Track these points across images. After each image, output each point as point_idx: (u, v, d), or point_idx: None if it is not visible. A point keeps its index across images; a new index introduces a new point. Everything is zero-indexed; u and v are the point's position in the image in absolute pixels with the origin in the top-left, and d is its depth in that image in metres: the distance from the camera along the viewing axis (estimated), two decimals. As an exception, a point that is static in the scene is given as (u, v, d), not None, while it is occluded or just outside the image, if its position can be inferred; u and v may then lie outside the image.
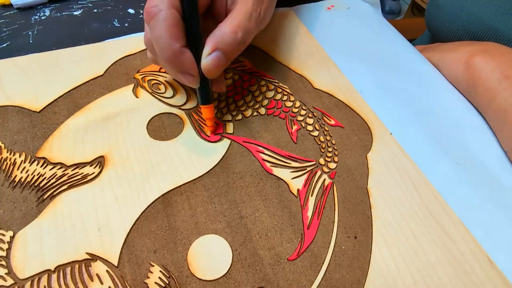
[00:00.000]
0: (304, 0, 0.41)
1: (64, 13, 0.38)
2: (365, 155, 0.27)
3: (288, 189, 0.25)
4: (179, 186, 0.24)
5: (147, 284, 0.20)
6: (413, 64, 0.35)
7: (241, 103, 0.30)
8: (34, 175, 0.24)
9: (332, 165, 0.26)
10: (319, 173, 0.26)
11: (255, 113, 0.29)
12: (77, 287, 0.20)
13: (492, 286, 0.21)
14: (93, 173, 0.24)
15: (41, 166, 0.24)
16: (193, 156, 0.26)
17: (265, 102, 0.30)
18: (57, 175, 0.24)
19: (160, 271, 0.21)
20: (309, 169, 0.26)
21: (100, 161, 0.25)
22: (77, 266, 0.20)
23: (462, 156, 0.28)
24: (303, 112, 0.29)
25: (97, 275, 0.20)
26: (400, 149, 0.27)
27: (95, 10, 0.39)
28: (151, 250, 0.21)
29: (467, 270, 0.22)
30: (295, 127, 0.28)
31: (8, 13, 0.37)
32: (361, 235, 0.23)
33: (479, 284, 0.21)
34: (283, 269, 0.21)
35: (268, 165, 0.26)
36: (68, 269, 0.20)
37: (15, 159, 0.25)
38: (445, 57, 0.34)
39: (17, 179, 0.24)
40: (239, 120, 0.29)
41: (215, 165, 0.26)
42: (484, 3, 0.36)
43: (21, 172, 0.24)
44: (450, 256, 0.22)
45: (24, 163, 0.24)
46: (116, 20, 0.38)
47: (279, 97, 0.30)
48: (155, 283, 0.20)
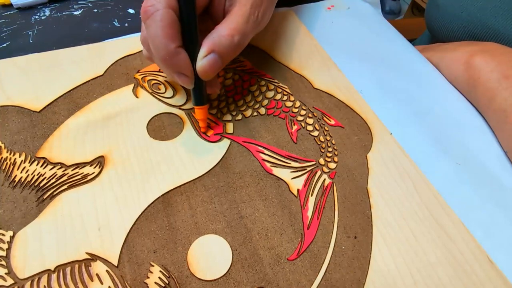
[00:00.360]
0: (304, 0, 0.41)
1: (64, 13, 0.38)
2: (365, 155, 0.27)
3: (288, 189, 0.25)
4: (179, 186, 0.24)
5: (147, 284, 0.20)
6: (413, 64, 0.35)
7: (241, 103, 0.30)
8: (34, 175, 0.24)
9: (332, 165, 0.26)
10: (319, 173, 0.26)
11: (255, 113, 0.29)
12: (77, 287, 0.20)
13: (492, 286, 0.21)
14: (93, 173, 0.24)
15: (41, 166, 0.24)
16: (193, 156, 0.26)
17: (265, 102, 0.30)
18: (57, 175, 0.24)
19: (160, 271, 0.21)
20: (309, 169, 0.26)
21: (100, 161, 0.25)
22: (77, 266, 0.20)
23: (462, 156, 0.28)
24: (303, 112, 0.29)
25: (97, 275, 0.20)
26: (400, 149, 0.27)
27: (95, 10, 0.39)
28: (151, 250, 0.21)
29: (467, 270, 0.22)
30: (295, 127, 0.28)
31: (8, 13, 0.37)
32: (361, 235, 0.23)
33: (479, 284, 0.21)
34: (283, 269, 0.21)
35: (268, 165, 0.26)
36: (68, 269, 0.20)
37: (15, 159, 0.25)
38: (445, 57, 0.34)
39: (17, 179, 0.24)
40: (239, 120, 0.29)
41: (215, 165, 0.26)
42: (484, 3, 0.36)
43: (21, 172, 0.24)
44: (450, 256, 0.22)
45: (24, 163, 0.24)
46: (116, 20, 0.38)
47: (279, 97, 0.30)
48: (155, 283, 0.20)
